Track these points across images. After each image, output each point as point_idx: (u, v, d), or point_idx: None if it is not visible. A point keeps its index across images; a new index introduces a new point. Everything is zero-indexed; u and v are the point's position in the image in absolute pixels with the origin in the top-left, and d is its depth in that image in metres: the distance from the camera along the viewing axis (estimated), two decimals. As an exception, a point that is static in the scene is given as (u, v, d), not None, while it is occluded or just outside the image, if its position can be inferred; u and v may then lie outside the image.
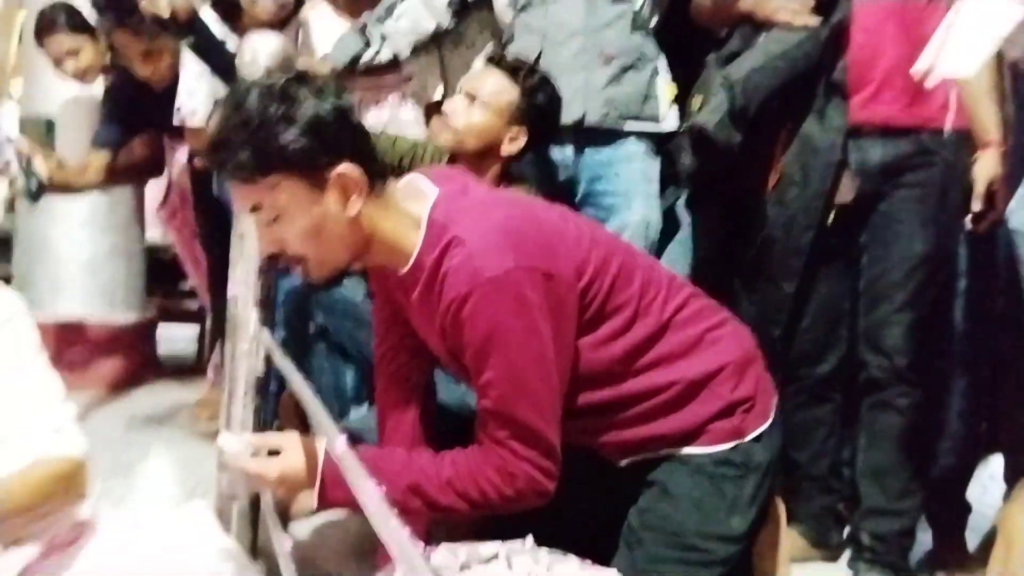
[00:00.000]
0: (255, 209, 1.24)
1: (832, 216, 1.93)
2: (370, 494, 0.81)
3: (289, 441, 1.27)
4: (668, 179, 2.29)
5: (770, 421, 1.38)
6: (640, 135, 2.22)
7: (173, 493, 2.20)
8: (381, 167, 1.30)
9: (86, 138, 2.86)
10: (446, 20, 2.39)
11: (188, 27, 2.31)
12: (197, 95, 2.52)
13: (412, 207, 1.29)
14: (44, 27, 2.64)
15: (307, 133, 1.19)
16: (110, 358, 3.30)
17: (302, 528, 1.72)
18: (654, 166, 2.27)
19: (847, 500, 2.07)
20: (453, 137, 2.00)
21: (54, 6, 2.66)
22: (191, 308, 3.86)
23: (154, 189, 3.29)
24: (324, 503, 1.27)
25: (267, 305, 1.89)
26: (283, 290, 2.15)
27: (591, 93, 2.21)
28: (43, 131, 3.04)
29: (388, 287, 1.41)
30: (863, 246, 1.96)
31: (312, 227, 1.23)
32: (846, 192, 1.92)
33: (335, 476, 1.21)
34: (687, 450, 1.34)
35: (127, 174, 2.88)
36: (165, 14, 2.23)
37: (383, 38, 2.38)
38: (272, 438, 1.31)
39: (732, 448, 1.33)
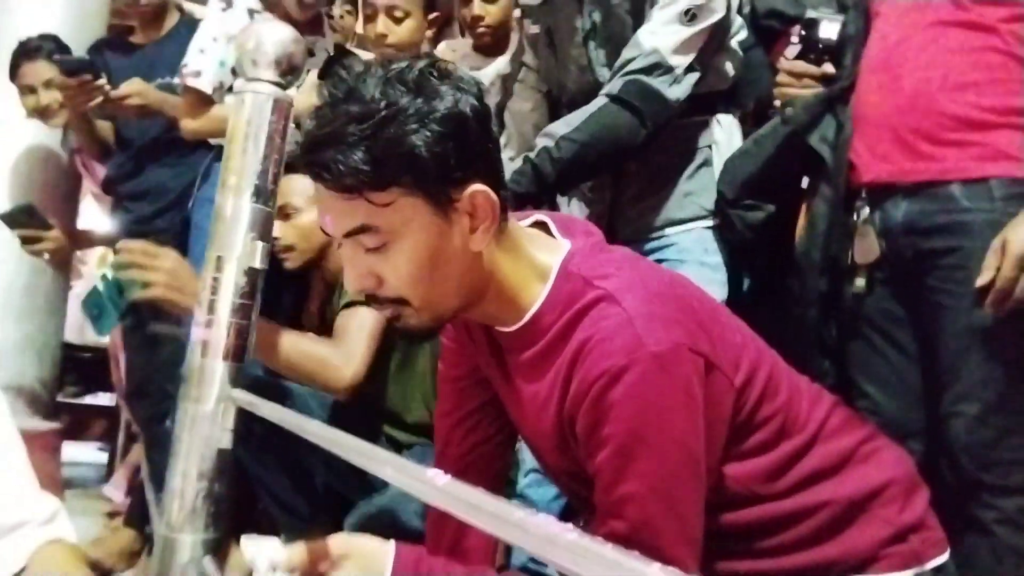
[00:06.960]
0: (356, 232, 0.97)
1: (863, 282, 1.61)
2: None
3: (346, 544, 1.06)
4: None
5: (947, 555, 1.15)
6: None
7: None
8: (507, 196, 1.04)
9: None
10: None
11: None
12: (208, 56, 2.25)
13: (539, 254, 1.06)
14: (26, 53, 2.49)
15: (446, 137, 0.93)
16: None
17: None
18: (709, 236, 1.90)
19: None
20: None
21: (42, 35, 2.54)
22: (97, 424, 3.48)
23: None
24: None
25: (240, 356, 1.49)
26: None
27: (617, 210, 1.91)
28: (26, 218, 2.58)
29: (469, 342, 1.18)
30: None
31: (428, 261, 0.98)
32: (867, 252, 1.60)
33: None
34: None
35: None
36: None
37: None
38: (326, 543, 1.06)
39: None
